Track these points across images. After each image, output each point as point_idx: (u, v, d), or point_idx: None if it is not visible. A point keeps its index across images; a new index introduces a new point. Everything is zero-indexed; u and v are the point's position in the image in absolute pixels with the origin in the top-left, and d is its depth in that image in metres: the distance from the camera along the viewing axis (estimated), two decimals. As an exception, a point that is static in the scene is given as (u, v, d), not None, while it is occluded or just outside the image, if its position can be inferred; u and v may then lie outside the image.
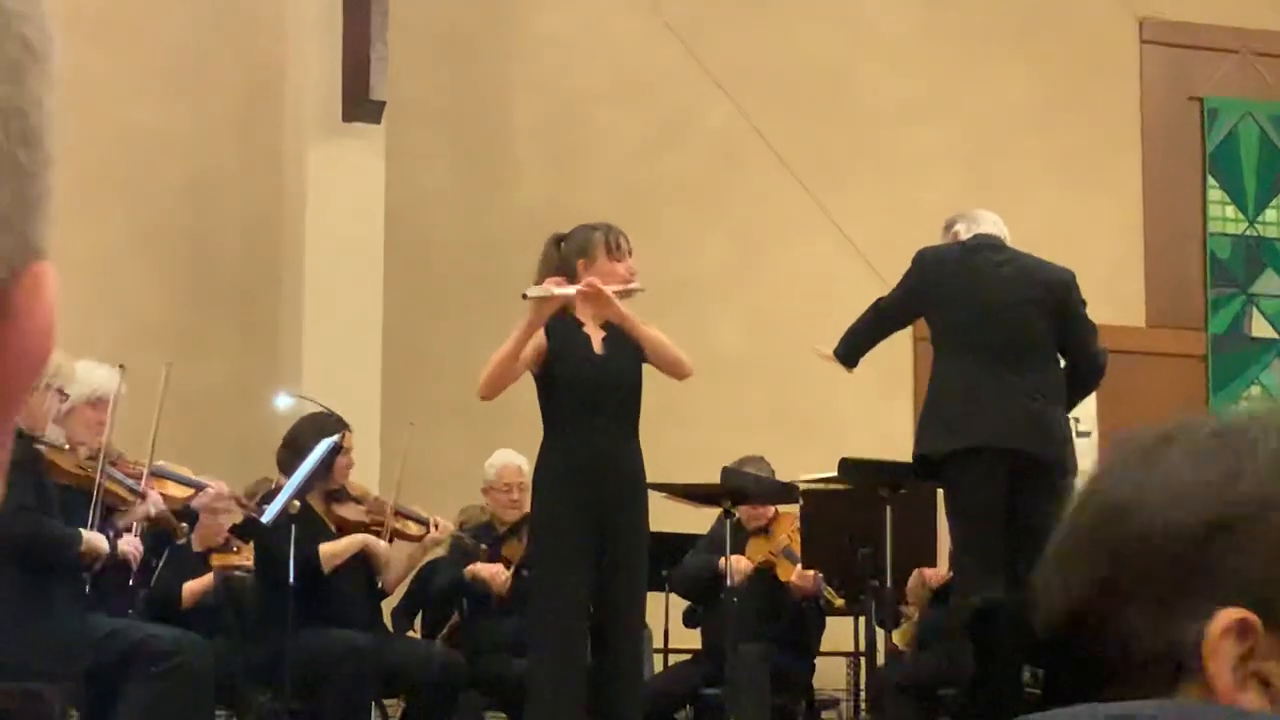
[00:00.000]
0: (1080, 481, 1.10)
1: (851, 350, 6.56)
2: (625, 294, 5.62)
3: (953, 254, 6.41)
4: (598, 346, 5.62)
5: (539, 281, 5.62)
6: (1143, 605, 0.99)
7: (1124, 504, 1.02)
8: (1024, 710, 1.00)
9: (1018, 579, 6.13)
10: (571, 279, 5.59)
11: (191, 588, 6.75)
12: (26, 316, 0.67)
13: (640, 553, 5.61)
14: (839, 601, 7.32)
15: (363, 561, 6.73)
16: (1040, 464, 6.08)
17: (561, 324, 5.64)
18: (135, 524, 5.79)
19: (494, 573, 7.11)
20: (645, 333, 5.57)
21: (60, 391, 5.52)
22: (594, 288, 5.47)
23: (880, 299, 6.55)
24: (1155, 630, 0.98)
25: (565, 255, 5.65)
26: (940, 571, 6.99)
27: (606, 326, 5.65)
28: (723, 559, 6.75)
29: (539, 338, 5.58)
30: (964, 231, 6.50)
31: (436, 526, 6.89)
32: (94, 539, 5.50)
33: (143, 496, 5.71)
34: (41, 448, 5.49)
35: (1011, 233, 6.61)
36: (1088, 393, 6.63)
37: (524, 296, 5.46)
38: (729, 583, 6.62)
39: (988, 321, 6.19)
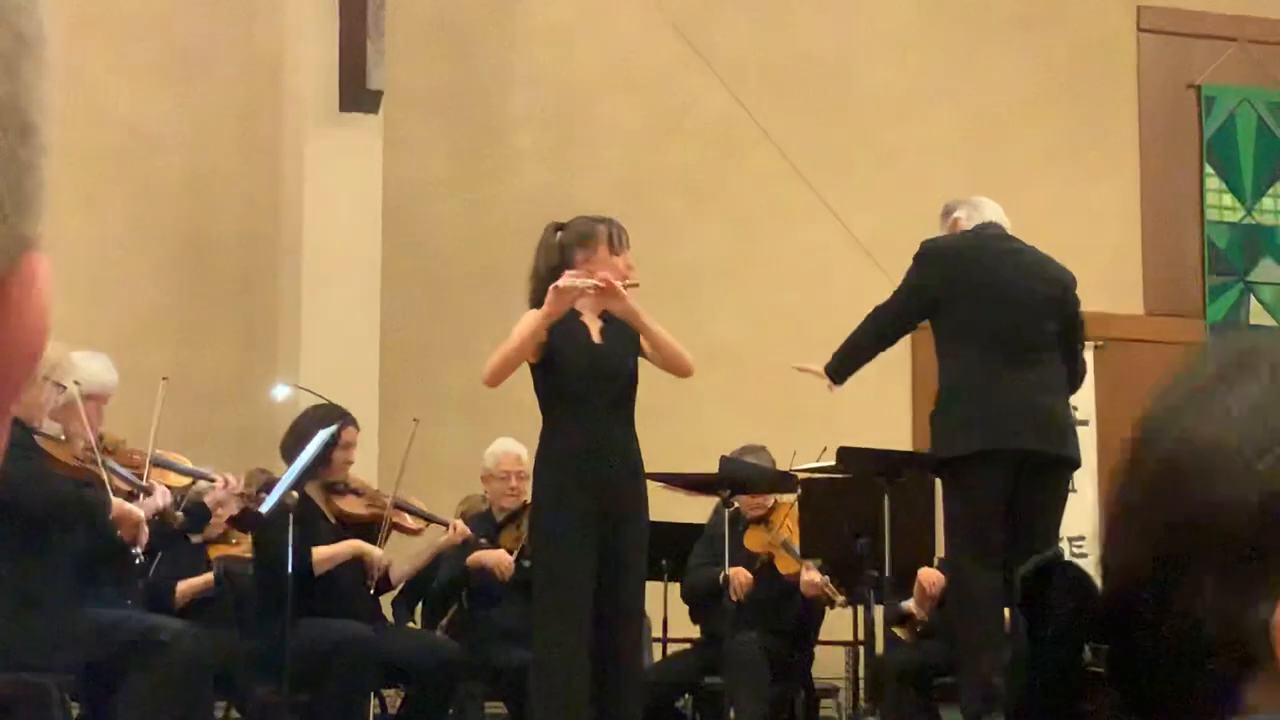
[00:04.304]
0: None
1: (848, 364, 6.42)
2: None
3: (963, 244, 6.30)
4: (596, 336, 5.63)
5: (538, 268, 5.63)
6: (1207, 582, 0.86)
7: (1181, 466, 0.89)
8: (1083, 689, 0.91)
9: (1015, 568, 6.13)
10: (568, 268, 5.59)
11: (185, 589, 6.72)
12: (21, 308, 0.66)
13: (641, 541, 5.61)
14: (840, 598, 7.29)
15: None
16: (1053, 460, 6.07)
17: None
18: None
19: (498, 559, 7.10)
20: (653, 329, 5.58)
21: (58, 384, 5.52)
22: (609, 283, 5.47)
23: (879, 307, 6.35)
24: (1222, 611, 0.85)
25: (564, 243, 5.65)
26: (940, 578, 6.93)
27: (604, 317, 5.65)
28: (723, 574, 6.73)
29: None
30: (965, 219, 6.39)
31: (455, 529, 6.93)
32: (126, 505, 5.44)
33: (148, 491, 5.68)
34: (39, 439, 5.49)
35: (1011, 222, 6.55)
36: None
37: (554, 288, 5.44)
38: (731, 598, 6.67)
39: (1002, 316, 6.09)
